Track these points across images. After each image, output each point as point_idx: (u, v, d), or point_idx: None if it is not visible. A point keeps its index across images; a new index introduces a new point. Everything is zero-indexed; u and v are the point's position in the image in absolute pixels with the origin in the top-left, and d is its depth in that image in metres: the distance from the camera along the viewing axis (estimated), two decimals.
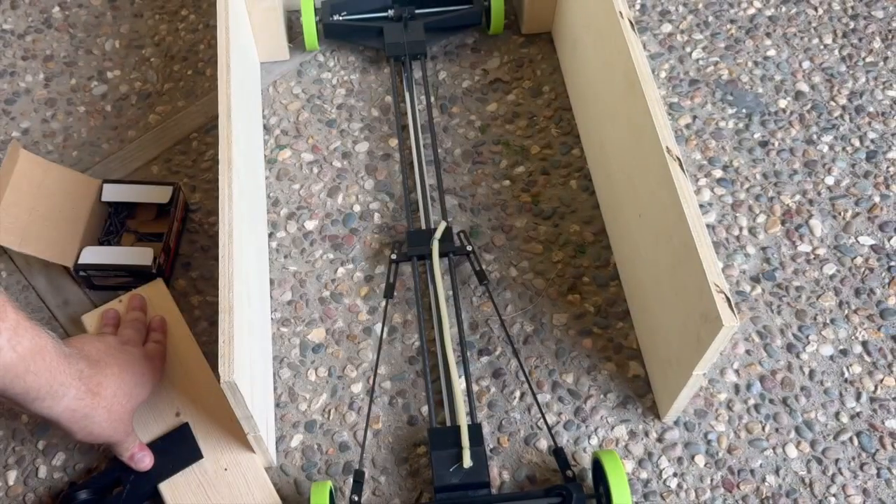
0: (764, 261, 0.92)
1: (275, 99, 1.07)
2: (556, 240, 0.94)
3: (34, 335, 0.62)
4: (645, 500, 0.77)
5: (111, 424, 0.70)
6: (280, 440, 0.81)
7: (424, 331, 0.85)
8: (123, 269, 0.87)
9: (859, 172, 0.99)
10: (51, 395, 0.64)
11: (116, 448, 0.74)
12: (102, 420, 0.69)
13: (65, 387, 0.65)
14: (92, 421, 0.68)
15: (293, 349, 0.87)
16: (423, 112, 1.04)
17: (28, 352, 0.61)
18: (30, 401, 0.63)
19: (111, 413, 0.70)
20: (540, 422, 0.82)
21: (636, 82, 0.78)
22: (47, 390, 0.63)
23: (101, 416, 0.69)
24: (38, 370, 0.62)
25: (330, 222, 0.96)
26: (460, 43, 1.12)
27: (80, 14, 1.16)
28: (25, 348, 0.61)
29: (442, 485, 0.74)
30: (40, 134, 1.04)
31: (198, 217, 0.97)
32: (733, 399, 0.83)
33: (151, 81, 1.09)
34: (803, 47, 1.10)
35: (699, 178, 0.98)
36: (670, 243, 0.73)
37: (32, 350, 0.62)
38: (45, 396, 0.64)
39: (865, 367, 0.85)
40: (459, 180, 0.99)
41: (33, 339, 0.62)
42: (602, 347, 0.86)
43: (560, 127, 1.03)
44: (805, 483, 0.78)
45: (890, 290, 0.90)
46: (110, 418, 0.70)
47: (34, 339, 0.62)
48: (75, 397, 0.66)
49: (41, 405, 0.64)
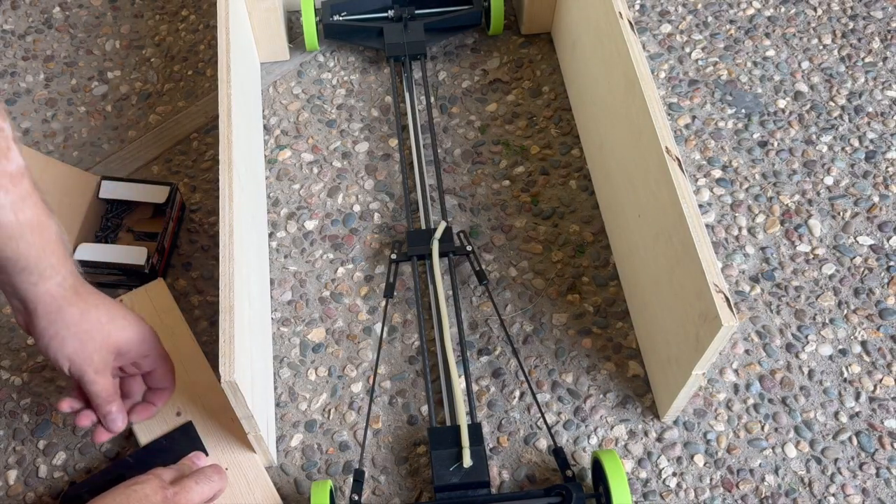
0: (763, 261, 0.92)
1: (275, 99, 1.07)
2: (556, 240, 0.94)
3: (41, 213, 0.61)
4: (644, 499, 0.78)
5: (78, 334, 0.66)
6: (280, 440, 0.82)
7: (424, 330, 0.85)
8: (117, 268, 0.88)
9: (858, 172, 0.99)
10: (38, 271, 0.62)
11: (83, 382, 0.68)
12: (72, 322, 0.65)
13: (53, 269, 0.63)
14: (62, 317, 0.65)
15: (293, 349, 0.87)
16: (423, 112, 1.04)
17: (28, 222, 0.60)
18: (18, 270, 0.62)
19: (83, 318, 0.66)
20: (539, 421, 0.82)
21: (636, 82, 0.78)
22: (36, 264, 0.62)
23: (73, 317, 0.65)
24: (33, 242, 0.61)
25: (330, 222, 0.96)
26: (460, 43, 1.12)
27: (81, 14, 1.16)
28: (27, 217, 0.60)
29: (442, 484, 0.74)
30: (41, 134, 1.04)
31: (198, 217, 0.97)
32: (732, 399, 0.83)
33: (152, 82, 1.09)
34: (802, 47, 1.11)
35: (698, 179, 0.98)
36: (670, 243, 0.73)
37: (33, 223, 0.61)
38: (33, 270, 0.62)
39: (864, 367, 0.85)
40: (459, 180, 0.99)
41: (39, 217, 0.61)
42: (601, 347, 0.86)
43: (560, 127, 1.03)
44: (804, 483, 0.78)
45: (889, 290, 0.90)
46: (80, 325, 0.66)
47: (39, 217, 0.61)
48: (59, 284, 0.64)
49: (27, 279, 0.63)
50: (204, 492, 0.68)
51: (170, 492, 0.65)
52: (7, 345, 0.87)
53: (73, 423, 0.82)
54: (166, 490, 0.65)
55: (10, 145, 0.59)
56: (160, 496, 0.65)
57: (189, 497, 0.66)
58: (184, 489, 0.67)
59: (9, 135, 0.59)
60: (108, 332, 0.67)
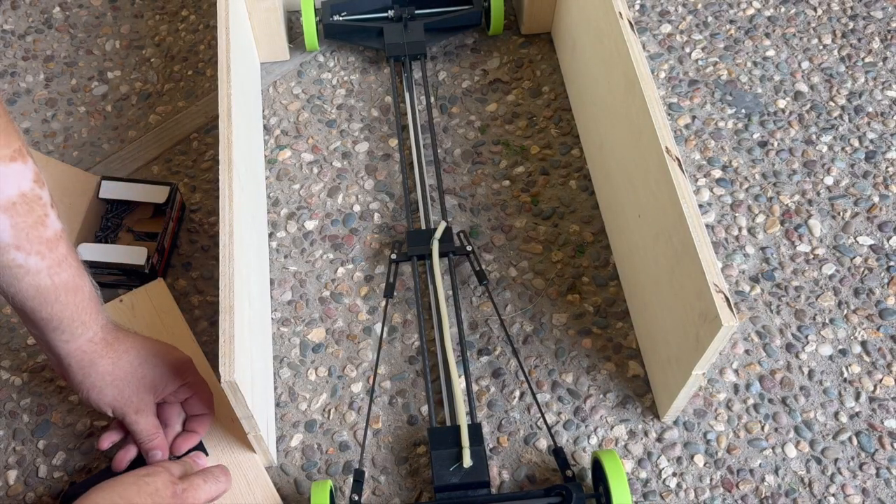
0: (763, 261, 0.92)
1: (275, 99, 1.07)
2: (556, 240, 0.94)
3: (76, 275, 0.65)
4: (644, 499, 0.78)
5: (114, 382, 0.70)
6: (280, 440, 0.82)
7: (424, 330, 0.85)
8: (117, 268, 0.88)
9: (858, 172, 0.99)
10: (70, 330, 0.66)
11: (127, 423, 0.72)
12: (106, 372, 0.69)
13: (85, 326, 0.67)
14: (95, 370, 0.68)
15: (293, 349, 0.87)
16: (423, 112, 1.04)
17: (63, 284, 0.64)
18: (50, 329, 0.66)
19: (116, 367, 0.69)
20: (539, 421, 0.82)
21: (635, 82, 0.78)
22: (68, 323, 0.66)
23: (105, 368, 0.69)
24: (66, 302, 0.65)
25: (330, 222, 0.96)
26: (460, 43, 1.12)
27: (81, 14, 1.16)
28: (63, 280, 0.64)
29: (442, 484, 0.74)
30: (41, 134, 1.04)
31: (198, 217, 0.97)
32: (732, 399, 0.83)
33: (152, 82, 1.09)
34: (802, 48, 1.11)
35: (698, 179, 0.98)
36: (670, 243, 0.73)
37: (68, 285, 0.65)
38: (66, 329, 0.66)
39: (864, 367, 0.85)
40: (459, 180, 0.99)
41: (73, 278, 0.65)
42: (601, 347, 0.86)
43: (559, 127, 1.03)
44: (804, 483, 0.78)
45: (889, 290, 0.90)
46: (114, 373, 0.69)
47: (74, 278, 0.65)
48: (90, 339, 0.68)
49: (59, 336, 0.66)
50: (210, 491, 0.69)
51: (179, 487, 0.67)
52: (7, 345, 0.87)
53: (72, 422, 0.82)
54: (176, 486, 0.67)
55: (47, 212, 0.63)
56: (170, 491, 0.66)
57: (197, 495, 0.68)
58: (192, 486, 0.68)
59: (46, 202, 0.63)
60: (141, 374, 0.71)
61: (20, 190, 0.60)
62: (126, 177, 0.99)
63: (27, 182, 0.61)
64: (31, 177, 0.61)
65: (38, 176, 0.62)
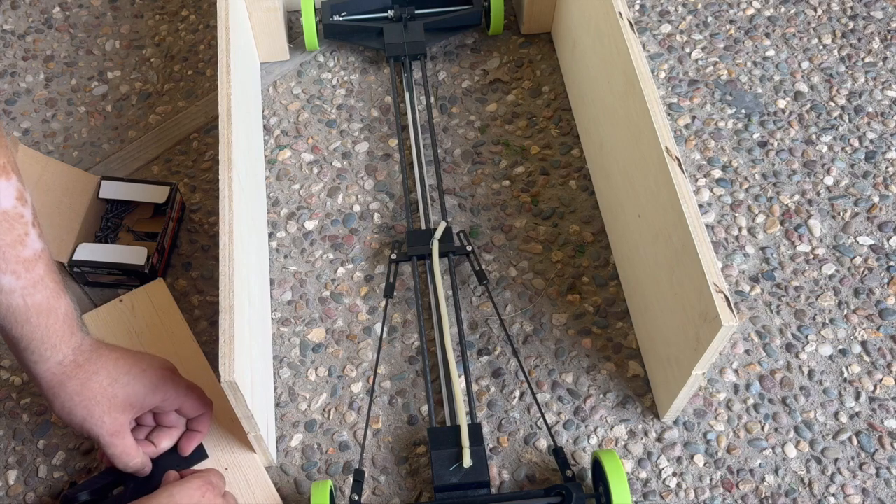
0: (763, 261, 0.92)
1: (275, 99, 1.07)
2: (556, 240, 0.94)
3: (51, 297, 0.64)
4: (644, 499, 0.78)
5: (82, 402, 0.67)
6: (280, 440, 0.82)
7: (424, 330, 0.85)
8: (117, 268, 0.88)
9: (858, 172, 0.99)
10: (39, 352, 0.66)
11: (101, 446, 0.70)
12: (74, 393, 0.67)
13: (55, 349, 0.66)
14: (64, 391, 0.67)
15: (293, 349, 0.87)
16: (423, 112, 1.04)
17: (36, 306, 0.64)
18: (20, 349, 0.65)
19: (84, 388, 0.67)
20: (539, 421, 0.82)
21: (635, 82, 0.78)
22: (37, 345, 0.65)
23: (74, 388, 0.67)
24: (37, 324, 0.64)
25: (330, 222, 0.96)
26: (460, 43, 1.12)
27: (81, 14, 1.16)
28: (36, 302, 0.63)
29: (442, 484, 0.74)
30: (41, 134, 1.04)
31: (198, 217, 0.97)
32: (732, 399, 0.83)
33: (152, 82, 1.09)
34: (802, 48, 1.11)
35: (698, 179, 0.98)
36: (669, 243, 0.73)
37: (41, 307, 0.64)
38: (35, 350, 0.65)
39: (864, 367, 0.85)
40: (459, 180, 0.99)
41: (48, 300, 0.64)
42: (601, 347, 0.86)
43: (559, 127, 1.03)
44: (804, 483, 0.78)
45: (889, 290, 0.90)
46: (82, 393, 0.67)
47: (49, 300, 0.64)
48: (59, 363, 0.67)
49: (29, 357, 0.66)
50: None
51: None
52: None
53: None
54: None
55: (28, 231, 0.62)
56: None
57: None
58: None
59: (28, 220, 0.62)
60: (112, 393, 0.69)
61: (1, 208, 0.60)
62: (126, 177, 0.99)
63: (9, 200, 0.60)
64: (13, 194, 0.61)
65: (23, 194, 0.61)
